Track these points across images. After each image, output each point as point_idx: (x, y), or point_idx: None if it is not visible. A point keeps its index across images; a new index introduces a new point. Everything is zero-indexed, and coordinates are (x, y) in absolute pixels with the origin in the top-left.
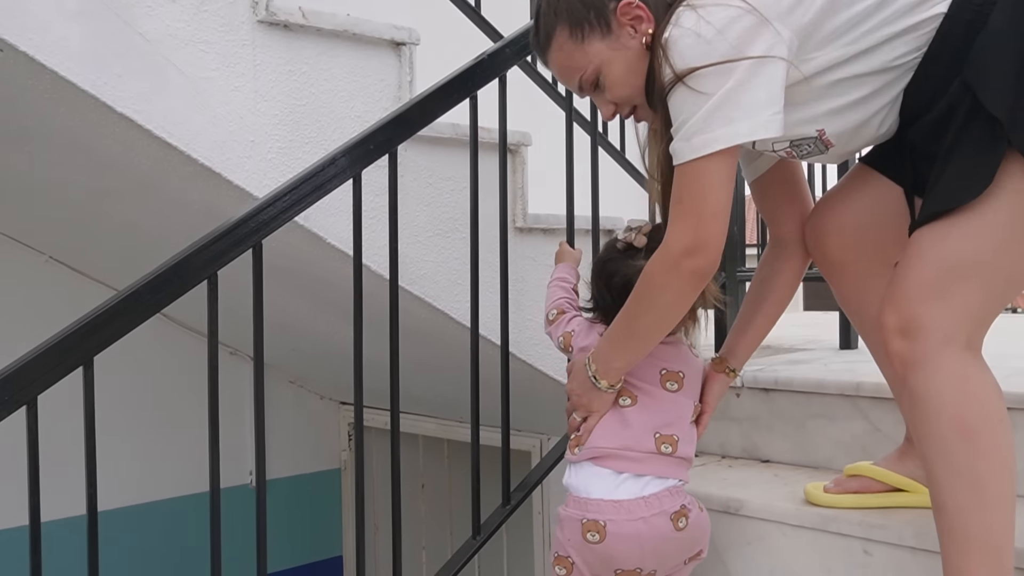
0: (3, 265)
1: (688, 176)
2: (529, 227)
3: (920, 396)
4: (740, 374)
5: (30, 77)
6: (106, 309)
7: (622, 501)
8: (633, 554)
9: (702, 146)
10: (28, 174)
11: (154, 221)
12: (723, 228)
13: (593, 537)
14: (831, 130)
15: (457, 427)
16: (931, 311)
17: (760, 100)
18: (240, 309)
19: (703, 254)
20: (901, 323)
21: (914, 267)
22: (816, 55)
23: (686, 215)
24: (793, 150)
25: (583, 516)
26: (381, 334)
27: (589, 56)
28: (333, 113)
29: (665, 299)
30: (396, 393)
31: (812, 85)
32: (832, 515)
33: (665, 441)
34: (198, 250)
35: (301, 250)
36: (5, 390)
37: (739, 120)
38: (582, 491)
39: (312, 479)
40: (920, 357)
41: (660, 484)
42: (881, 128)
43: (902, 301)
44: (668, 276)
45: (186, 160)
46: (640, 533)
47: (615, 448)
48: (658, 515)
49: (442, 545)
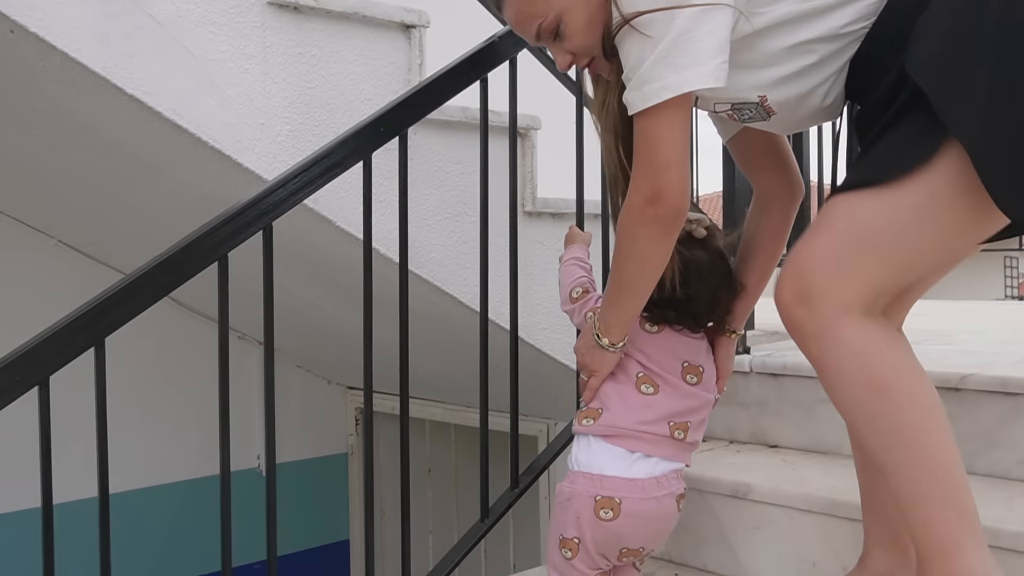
0: (12, 249)
1: (641, 125)
2: (538, 211)
3: (825, 365)
4: (742, 333)
5: (40, 59)
6: (117, 290)
7: (637, 480)
8: (641, 532)
9: (652, 95)
10: (37, 157)
11: (163, 204)
12: (679, 176)
13: (607, 514)
14: (773, 98)
15: (464, 412)
16: (830, 281)
17: (710, 47)
18: (248, 293)
19: (662, 202)
20: (798, 291)
21: (821, 236)
22: (765, 10)
23: (641, 164)
24: (735, 113)
25: (597, 493)
26: (389, 318)
27: (550, 3)
28: (343, 96)
29: (639, 248)
30: (406, 378)
31: (758, 49)
32: (841, 500)
33: (679, 428)
34: (209, 232)
35: (310, 233)
36: (17, 371)
37: (687, 67)
38: (595, 468)
39: (319, 463)
40: (819, 327)
41: (668, 466)
42: (826, 100)
43: (804, 270)
44: (635, 225)
45: (196, 142)
46: (652, 512)
47: (630, 428)
48: (668, 496)
49: (448, 529)
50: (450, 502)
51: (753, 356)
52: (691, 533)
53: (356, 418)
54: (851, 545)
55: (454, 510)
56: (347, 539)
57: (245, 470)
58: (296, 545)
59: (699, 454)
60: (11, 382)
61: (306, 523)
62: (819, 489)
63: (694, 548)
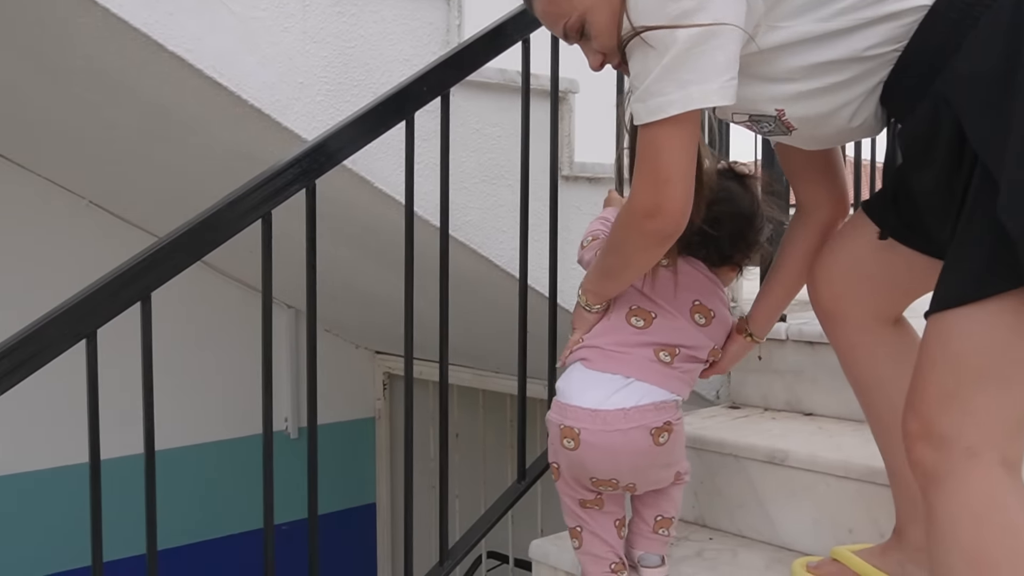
0: (44, 209)
1: (645, 138)
2: (575, 175)
3: (937, 516)
4: (761, 341)
5: (80, 15)
6: (164, 245)
7: (599, 411)
8: (606, 465)
9: (657, 109)
10: (72, 117)
11: (198, 164)
12: (680, 193)
13: (568, 444)
14: (792, 113)
15: (492, 377)
16: (951, 419)
17: (717, 63)
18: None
19: (661, 218)
20: (923, 431)
21: (928, 369)
22: (785, 24)
23: (643, 177)
24: (753, 125)
25: (561, 421)
26: (424, 283)
27: (573, 3)
28: (381, 56)
29: (627, 250)
30: (445, 343)
31: (776, 64)
32: (879, 467)
33: (664, 349)
34: (252, 189)
35: (347, 194)
36: (65, 323)
37: (692, 83)
38: (563, 396)
39: (346, 427)
40: (942, 471)
41: (647, 396)
42: (854, 120)
43: (921, 407)
44: (631, 231)
45: (235, 101)
46: (615, 445)
47: (606, 346)
48: (637, 429)
49: (475, 494)
50: (477, 467)
51: (789, 324)
52: (726, 498)
53: (384, 383)
54: (889, 512)
55: (481, 475)
56: (374, 502)
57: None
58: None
59: (734, 420)
60: (60, 334)
61: (333, 486)
62: (857, 456)
63: (729, 513)
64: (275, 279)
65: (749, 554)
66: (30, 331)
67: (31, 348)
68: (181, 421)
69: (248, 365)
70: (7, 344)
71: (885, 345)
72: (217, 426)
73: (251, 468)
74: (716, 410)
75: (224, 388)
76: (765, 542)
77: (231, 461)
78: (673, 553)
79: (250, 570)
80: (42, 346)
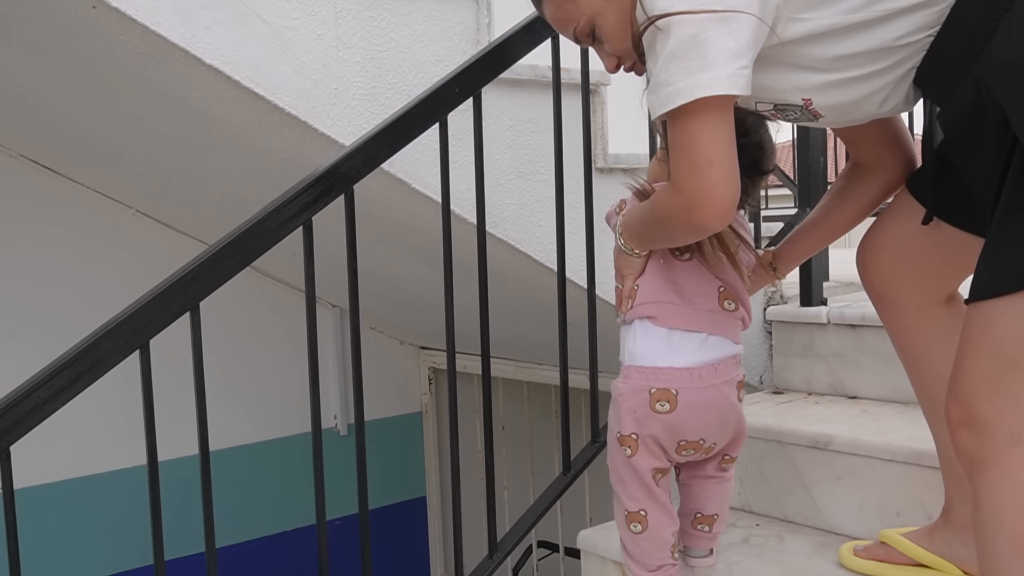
0: (91, 220)
1: (674, 130)
2: (610, 167)
3: (982, 502)
4: (782, 277)
5: (121, 32)
6: (209, 256)
7: (694, 368)
8: (700, 424)
9: (666, 100)
10: (116, 130)
11: (239, 172)
12: (723, 177)
13: (663, 407)
14: (819, 102)
15: (536, 369)
16: (993, 406)
17: (727, 49)
18: (323, 256)
19: (705, 209)
20: (965, 417)
21: (968, 356)
22: (807, 16)
23: (681, 168)
24: (778, 113)
25: (651, 386)
26: (465, 278)
27: (581, 7)
28: (414, 58)
29: (672, 233)
30: (486, 337)
31: (801, 55)
32: (925, 449)
33: (728, 297)
34: (292, 197)
35: (384, 195)
36: (120, 335)
37: (699, 71)
38: (647, 359)
39: (394, 422)
40: (986, 457)
41: (726, 349)
42: (884, 106)
43: (962, 394)
44: (674, 220)
45: (272, 110)
46: (711, 401)
47: (672, 301)
48: (727, 383)
49: (523, 485)
50: (524, 458)
51: (831, 307)
52: (772, 484)
53: (429, 377)
54: (935, 494)
55: (528, 466)
56: (424, 496)
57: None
58: (373, 502)
59: (777, 406)
60: (115, 346)
61: (383, 481)
62: (902, 439)
63: (775, 499)
64: (319, 280)
65: (796, 539)
66: (86, 344)
67: (88, 361)
68: (234, 421)
69: (297, 365)
70: (64, 358)
71: (937, 325)
72: (270, 425)
73: (304, 465)
74: (760, 396)
75: (276, 388)
76: (811, 527)
77: (286, 459)
78: (720, 539)
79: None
80: (98, 358)
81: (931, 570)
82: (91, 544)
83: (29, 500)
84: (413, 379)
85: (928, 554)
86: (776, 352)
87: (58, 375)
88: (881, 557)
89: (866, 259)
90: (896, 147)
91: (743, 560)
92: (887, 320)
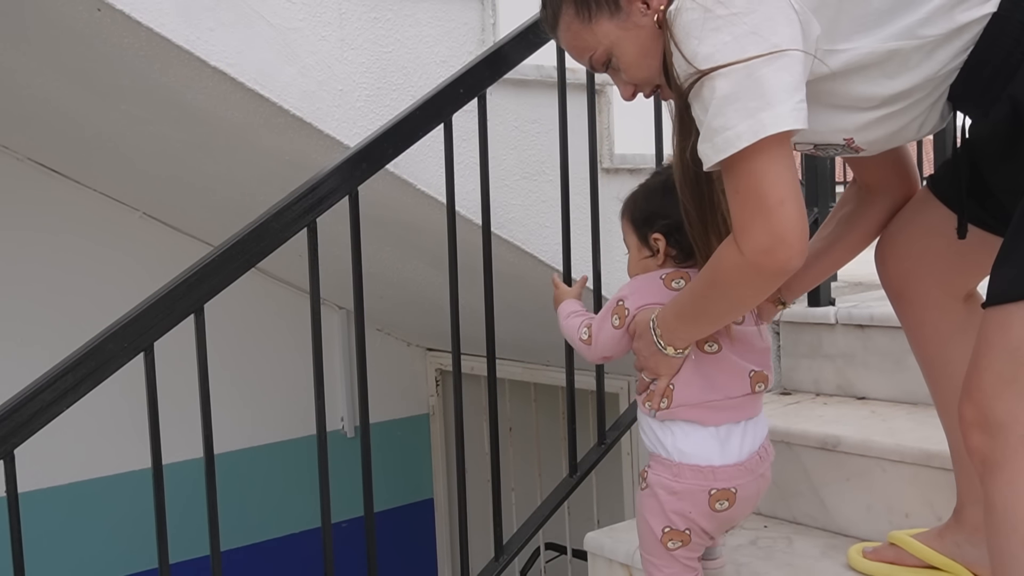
0: (98, 222)
1: (736, 174)
2: (616, 167)
3: (995, 504)
4: (788, 306)
5: (126, 35)
6: (213, 258)
7: (746, 462)
8: (749, 509)
9: (725, 145)
10: (122, 132)
11: (244, 174)
12: (796, 213)
13: (722, 506)
14: (861, 139)
15: (543, 371)
16: (1008, 406)
17: (784, 84)
18: (329, 258)
19: (783, 249)
20: (978, 417)
21: (984, 356)
22: (845, 47)
23: (751, 213)
24: (819, 151)
25: (711, 486)
26: (470, 279)
27: (598, 36)
28: (419, 59)
29: (740, 293)
30: (492, 339)
31: (841, 92)
32: (934, 450)
33: (760, 380)
34: (297, 199)
35: (390, 197)
36: (124, 337)
37: (760, 110)
38: (701, 458)
39: (401, 424)
40: (999, 458)
41: (761, 428)
42: (922, 130)
43: (977, 394)
44: (745, 276)
45: (277, 111)
46: (760, 488)
47: (712, 400)
48: (769, 466)
49: (531, 487)
50: (532, 460)
51: (838, 308)
52: (780, 486)
53: (436, 379)
54: (945, 496)
55: (536, 468)
56: (431, 498)
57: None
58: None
59: (786, 407)
60: (119, 348)
61: (391, 483)
62: (911, 440)
63: (784, 501)
64: (324, 282)
65: (804, 541)
66: (91, 346)
67: (92, 363)
68: (240, 423)
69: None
70: (69, 360)
71: (954, 323)
72: (276, 427)
73: (310, 468)
74: (768, 397)
75: (283, 390)
76: (820, 528)
77: (292, 461)
78: (728, 541)
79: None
80: (102, 361)
81: (941, 572)
82: (96, 548)
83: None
84: (420, 381)
85: (938, 556)
86: (784, 353)
87: (63, 378)
88: (891, 559)
89: (885, 255)
90: (902, 168)
91: (751, 562)
92: (904, 317)
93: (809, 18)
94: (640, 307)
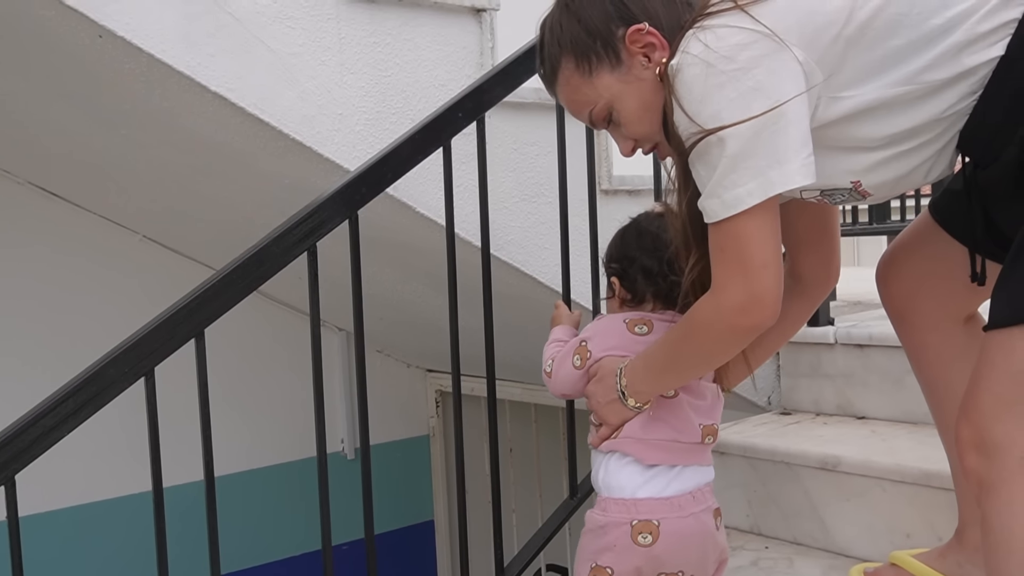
0: (98, 245)
1: (726, 232)
2: (614, 189)
3: (992, 525)
4: (731, 391)
5: (127, 61)
6: (214, 283)
7: (673, 498)
8: (680, 554)
9: (735, 202)
10: (123, 156)
11: (245, 197)
12: (776, 277)
13: (645, 539)
14: (868, 183)
15: (543, 392)
16: (1006, 428)
17: (793, 140)
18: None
19: (758, 310)
20: (976, 438)
21: (985, 377)
22: (849, 94)
23: (731, 269)
24: (825, 198)
25: (632, 518)
26: (470, 301)
27: (599, 90)
28: (418, 83)
29: (711, 348)
30: (491, 359)
31: (848, 134)
32: (935, 470)
33: (709, 433)
34: (297, 223)
35: (390, 219)
36: (125, 363)
37: (769, 168)
38: (622, 490)
39: (401, 446)
40: (995, 479)
41: (701, 476)
42: (930, 175)
43: (975, 415)
44: (719, 331)
45: (277, 135)
46: (692, 531)
47: (658, 439)
48: (704, 511)
49: (531, 508)
50: (532, 481)
51: (838, 327)
52: (780, 506)
53: (436, 400)
54: (946, 515)
55: (536, 489)
56: (431, 519)
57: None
58: (381, 526)
59: (785, 427)
60: (120, 374)
61: (390, 505)
62: (911, 459)
63: (784, 521)
64: (324, 304)
65: (805, 562)
66: (91, 372)
67: (93, 388)
68: (241, 446)
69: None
70: (69, 386)
71: (956, 345)
72: (276, 450)
73: (311, 490)
74: (767, 417)
75: (282, 412)
76: (821, 549)
77: (293, 483)
78: (729, 563)
79: None
80: (103, 386)
81: None
82: (96, 571)
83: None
84: (420, 402)
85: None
86: (783, 372)
87: (63, 403)
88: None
89: (887, 277)
90: (829, 256)
91: None
92: (905, 338)
93: (813, 68)
94: (606, 352)
